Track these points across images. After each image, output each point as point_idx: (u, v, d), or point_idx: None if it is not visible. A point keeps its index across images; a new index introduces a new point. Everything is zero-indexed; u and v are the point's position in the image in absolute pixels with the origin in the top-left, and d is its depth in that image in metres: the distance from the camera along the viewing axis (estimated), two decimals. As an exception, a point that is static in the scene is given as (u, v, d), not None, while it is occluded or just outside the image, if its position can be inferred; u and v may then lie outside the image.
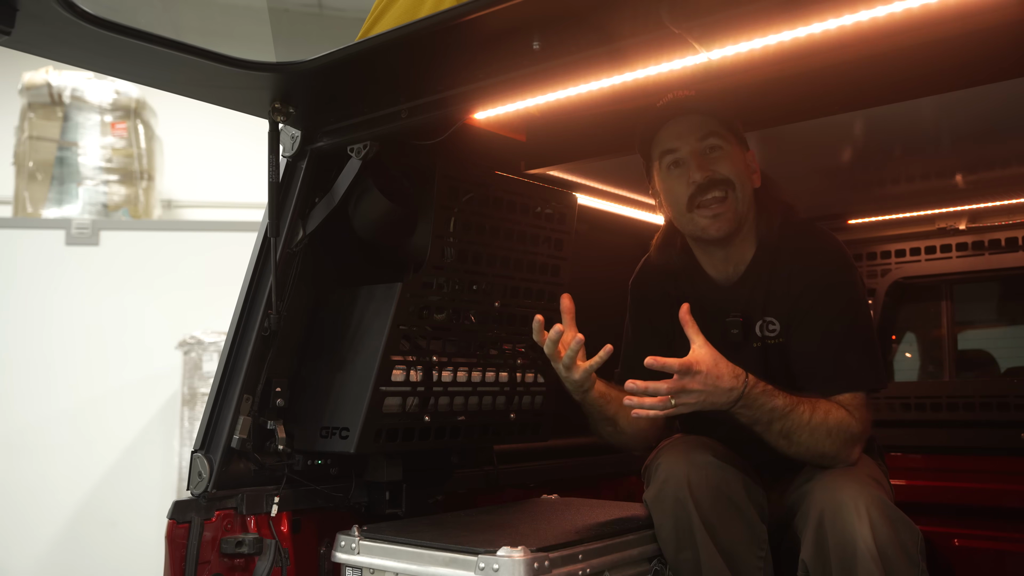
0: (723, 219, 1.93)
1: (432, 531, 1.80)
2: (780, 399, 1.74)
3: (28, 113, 4.91)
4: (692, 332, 1.71)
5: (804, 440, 1.75)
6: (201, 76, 1.69)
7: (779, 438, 1.77)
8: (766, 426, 1.75)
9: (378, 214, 1.99)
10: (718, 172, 1.92)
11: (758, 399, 1.71)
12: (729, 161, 1.94)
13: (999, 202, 2.88)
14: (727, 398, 1.68)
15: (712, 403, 1.67)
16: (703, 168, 1.92)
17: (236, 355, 1.94)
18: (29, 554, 4.23)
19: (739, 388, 1.68)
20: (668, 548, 1.81)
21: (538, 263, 2.28)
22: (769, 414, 1.73)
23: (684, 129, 1.95)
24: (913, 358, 3.45)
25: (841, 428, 1.78)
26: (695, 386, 1.63)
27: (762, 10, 1.37)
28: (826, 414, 1.77)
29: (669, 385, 1.64)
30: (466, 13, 1.42)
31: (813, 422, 1.75)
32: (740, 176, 1.94)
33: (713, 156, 1.94)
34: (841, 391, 1.83)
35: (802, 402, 1.76)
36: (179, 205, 6.09)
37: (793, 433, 1.75)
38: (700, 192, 1.92)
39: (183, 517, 1.82)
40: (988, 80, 1.74)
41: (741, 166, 1.96)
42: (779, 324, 1.95)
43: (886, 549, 1.59)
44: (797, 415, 1.74)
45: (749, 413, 1.73)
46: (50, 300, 4.35)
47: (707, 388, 1.64)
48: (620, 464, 2.79)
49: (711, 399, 1.66)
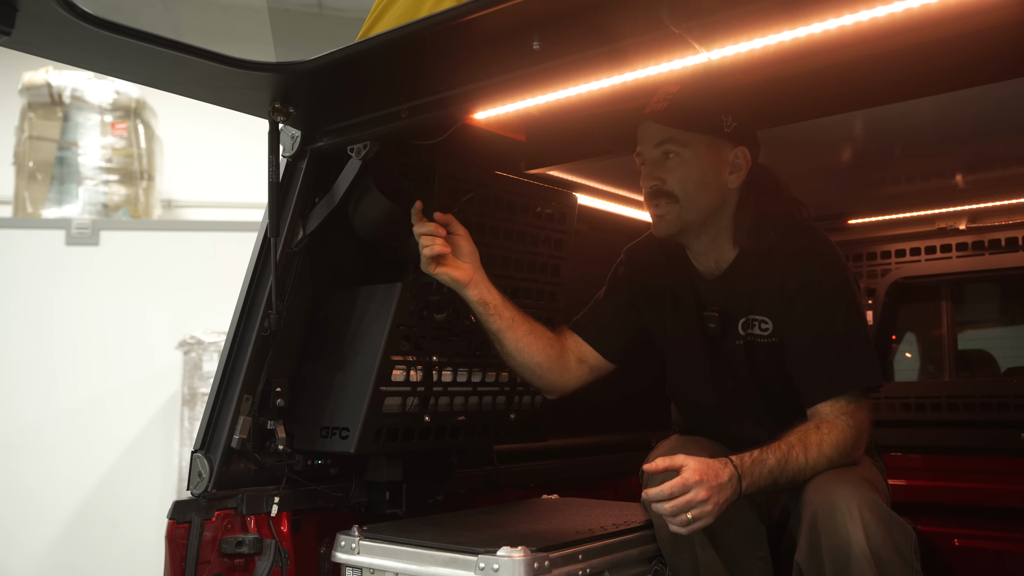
0: (664, 221, 1.95)
1: (432, 531, 1.80)
2: (772, 458, 1.72)
3: (28, 113, 4.91)
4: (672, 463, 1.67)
5: (810, 474, 1.75)
6: (201, 76, 1.69)
7: (790, 485, 1.76)
8: (773, 487, 1.75)
9: (378, 214, 1.99)
10: (666, 184, 1.93)
11: (753, 470, 1.70)
12: (682, 169, 1.92)
13: (999, 202, 2.88)
14: (732, 488, 1.66)
15: (727, 500, 1.65)
16: (651, 176, 1.95)
17: (236, 355, 1.94)
18: (29, 554, 4.23)
19: (735, 471, 1.67)
20: (667, 549, 1.81)
21: (538, 263, 2.28)
22: (770, 476, 1.72)
23: (646, 134, 1.97)
24: (913, 358, 3.45)
25: (838, 449, 1.78)
26: (704, 495, 1.61)
27: (762, 10, 1.36)
28: (819, 446, 1.76)
29: (672, 506, 1.61)
30: (466, 13, 1.42)
31: (810, 461, 1.75)
32: (691, 185, 1.92)
33: (668, 163, 1.93)
34: (838, 392, 1.83)
35: (792, 447, 1.75)
36: (179, 205, 6.09)
37: (799, 477, 1.75)
38: (649, 197, 1.97)
39: (183, 517, 1.82)
40: (988, 80, 1.74)
41: (700, 172, 1.93)
42: (772, 323, 1.95)
43: (879, 550, 1.60)
44: (794, 462, 1.74)
45: (756, 485, 1.70)
46: (50, 300, 4.35)
47: (712, 492, 1.62)
48: (620, 464, 2.79)
49: (723, 498, 1.64)
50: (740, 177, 1.96)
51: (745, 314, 1.97)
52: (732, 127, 1.93)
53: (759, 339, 1.97)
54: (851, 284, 1.94)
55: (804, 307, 1.90)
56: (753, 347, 1.97)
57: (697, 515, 1.61)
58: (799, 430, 1.79)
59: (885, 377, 3.30)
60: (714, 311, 1.99)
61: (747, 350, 1.98)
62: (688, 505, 1.60)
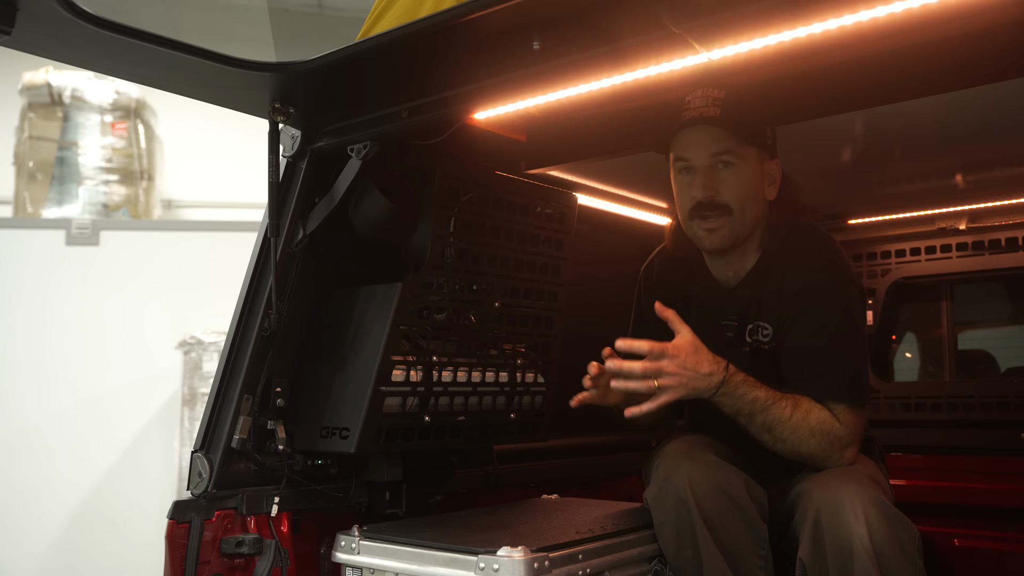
0: (718, 235, 1.95)
1: (432, 531, 1.80)
2: (762, 392, 1.78)
3: (28, 113, 4.91)
4: (676, 323, 1.78)
5: (787, 437, 1.79)
6: (201, 76, 1.69)
7: (762, 431, 1.80)
8: (748, 418, 1.79)
9: (378, 214, 1.99)
10: (720, 195, 1.91)
11: (739, 387, 1.76)
12: (737, 181, 1.92)
13: (999, 202, 2.88)
14: (707, 383, 1.73)
15: (694, 388, 1.72)
16: (707, 187, 1.92)
17: (236, 355, 1.94)
18: (29, 554, 4.23)
19: (719, 374, 1.74)
20: (669, 547, 1.81)
21: (538, 263, 2.28)
22: (750, 404, 1.77)
23: (699, 140, 1.93)
24: (913, 358, 3.45)
25: (823, 429, 1.79)
26: (672, 369, 1.68)
27: (762, 10, 1.36)
28: (807, 413, 1.80)
29: (643, 366, 1.70)
30: (466, 13, 1.42)
31: (794, 419, 1.79)
32: (744, 198, 1.93)
33: (722, 174, 1.92)
34: (820, 399, 1.84)
35: (785, 398, 1.80)
36: (179, 205, 6.09)
37: (775, 427, 1.78)
38: (699, 208, 1.94)
39: (183, 517, 1.82)
40: (988, 80, 1.74)
41: (751, 185, 1.94)
42: (771, 328, 1.96)
43: (883, 548, 1.60)
44: (779, 409, 1.78)
45: (731, 402, 1.77)
46: (50, 300, 4.35)
47: (685, 372, 1.68)
48: (620, 464, 2.79)
49: (692, 384, 1.71)
50: (775, 190, 1.98)
51: (753, 320, 1.98)
52: (772, 139, 1.95)
53: (762, 346, 1.98)
54: (850, 290, 1.93)
55: (798, 311, 1.91)
56: (757, 354, 1.99)
57: (663, 385, 1.67)
58: (797, 394, 1.82)
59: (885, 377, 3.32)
60: (733, 319, 2.00)
61: (752, 357, 1.99)
62: (657, 371, 1.66)
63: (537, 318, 2.29)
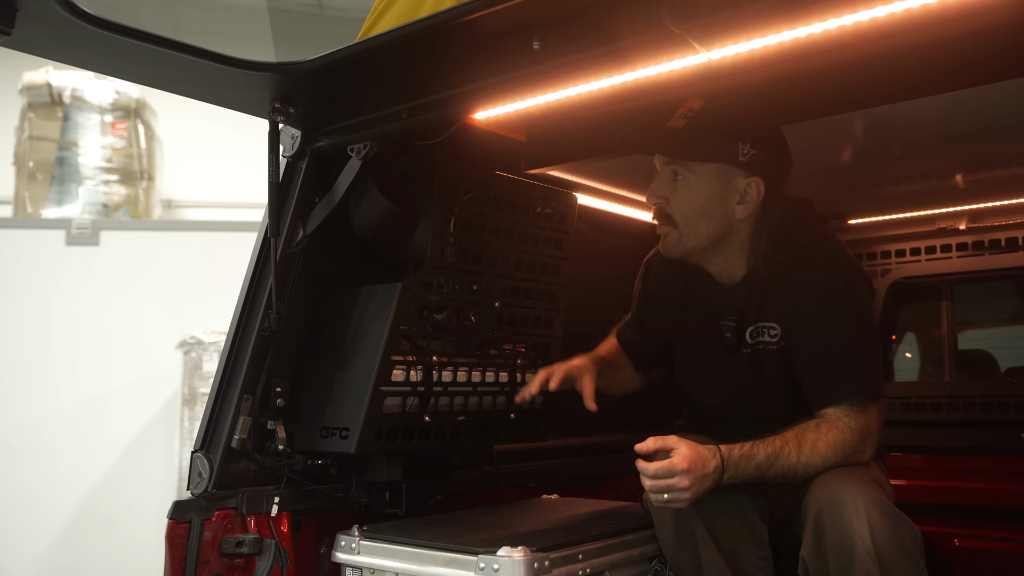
0: (666, 242, 1.98)
1: (432, 531, 1.80)
2: (762, 453, 1.74)
3: (28, 113, 4.90)
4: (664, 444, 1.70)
5: (803, 473, 1.77)
6: (201, 76, 1.69)
7: (779, 480, 1.79)
8: (760, 479, 1.77)
9: (378, 214, 1.99)
10: (666, 206, 1.94)
11: (740, 462, 1.73)
12: (686, 195, 1.91)
13: (999, 202, 2.88)
14: (714, 477, 1.70)
15: (705, 488, 1.70)
16: (657, 195, 1.95)
17: (236, 355, 1.94)
18: (29, 554, 4.23)
19: (720, 464, 1.70)
20: (668, 547, 1.81)
21: (538, 263, 2.28)
22: (756, 470, 1.74)
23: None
24: (913, 358, 3.45)
25: (834, 449, 1.78)
26: (686, 483, 1.66)
27: (762, 10, 1.36)
28: (814, 444, 1.77)
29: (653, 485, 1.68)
30: (466, 13, 1.42)
31: (803, 458, 1.76)
32: (692, 212, 1.91)
33: (674, 185, 1.93)
34: (838, 400, 1.83)
35: (787, 443, 1.76)
36: (179, 205, 6.09)
37: (789, 474, 1.77)
38: (652, 213, 1.99)
39: (183, 517, 1.82)
40: (988, 80, 1.73)
41: (702, 200, 1.91)
42: (780, 328, 1.95)
43: (884, 548, 1.60)
44: (784, 458, 1.75)
45: (738, 476, 1.73)
46: (50, 300, 4.35)
47: (696, 481, 1.66)
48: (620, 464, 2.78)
49: (703, 486, 1.69)
50: (748, 209, 1.92)
51: (754, 322, 1.98)
52: (748, 155, 1.88)
53: (768, 346, 1.96)
54: (860, 289, 1.93)
55: (810, 311, 1.90)
56: (759, 355, 1.98)
57: (673, 499, 1.67)
58: (798, 428, 1.80)
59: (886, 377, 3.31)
60: (731, 320, 1.99)
61: (753, 358, 1.98)
62: (669, 488, 1.66)
63: (537, 318, 2.29)
